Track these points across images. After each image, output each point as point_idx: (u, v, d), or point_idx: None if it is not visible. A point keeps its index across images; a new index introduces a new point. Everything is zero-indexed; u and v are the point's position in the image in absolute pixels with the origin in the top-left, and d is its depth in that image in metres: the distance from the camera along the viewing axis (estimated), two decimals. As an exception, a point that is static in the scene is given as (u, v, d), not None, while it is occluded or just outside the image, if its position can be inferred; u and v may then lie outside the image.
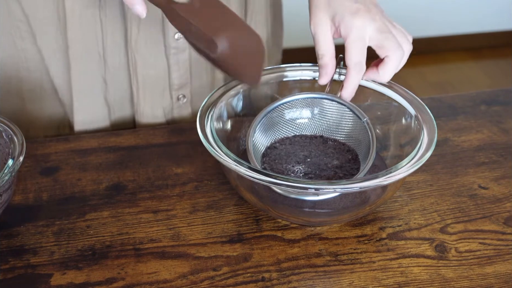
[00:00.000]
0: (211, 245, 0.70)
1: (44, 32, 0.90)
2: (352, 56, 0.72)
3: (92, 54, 0.91)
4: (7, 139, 0.71)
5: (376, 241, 0.71)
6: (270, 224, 0.73)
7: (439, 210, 0.76)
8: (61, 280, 0.66)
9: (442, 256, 0.70)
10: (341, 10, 0.72)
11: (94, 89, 0.94)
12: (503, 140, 0.88)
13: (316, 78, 0.81)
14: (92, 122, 0.96)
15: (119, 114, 0.98)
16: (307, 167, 0.75)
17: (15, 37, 0.91)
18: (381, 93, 0.79)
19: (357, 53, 0.72)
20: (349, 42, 0.72)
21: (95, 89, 0.94)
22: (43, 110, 0.97)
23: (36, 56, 0.93)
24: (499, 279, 0.67)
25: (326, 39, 0.73)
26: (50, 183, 0.79)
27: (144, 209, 0.75)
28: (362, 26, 0.72)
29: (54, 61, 0.93)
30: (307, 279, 0.67)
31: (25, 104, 0.97)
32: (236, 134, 0.80)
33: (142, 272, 0.67)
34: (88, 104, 0.95)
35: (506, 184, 0.80)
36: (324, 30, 0.73)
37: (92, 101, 0.95)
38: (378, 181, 0.65)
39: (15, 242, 0.70)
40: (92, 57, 0.91)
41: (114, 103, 0.96)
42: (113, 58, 0.92)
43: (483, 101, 0.97)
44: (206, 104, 0.75)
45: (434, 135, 0.71)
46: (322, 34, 0.73)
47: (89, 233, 0.72)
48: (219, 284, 0.66)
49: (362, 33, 0.72)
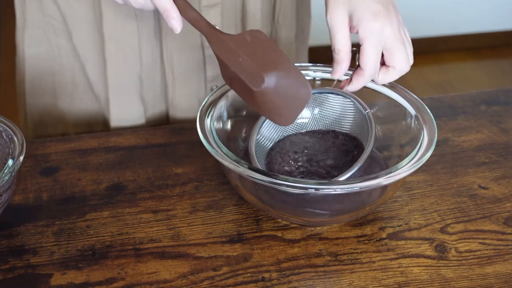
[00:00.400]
0: (211, 245, 0.70)
1: (80, 29, 0.92)
2: (369, 59, 0.71)
3: (127, 51, 0.92)
4: (7, 139, 0.71)
5: (376, 241, 0.71)
6: (270, 224, 0.73)
7: (439, 210, 0.76)
8: (61, 280, 0.66)
9: (442, 256, 0.70)
10: (361, 9, 0.71)
11: (129, 87, 0.95)
12: (503, 140, 0.88)
13: (316, 78, 0.81)
14: (128, 120, 0.97)
15: (153, 110, 0.98)
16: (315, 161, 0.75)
17: (49, 33, 0.93)
18: (381, 93, 0.79)
19: (374, 57, 0.71)
20: (367, 45, 0.71)
21: (130, 87, 0.95)
22: (74, 106, 0.98)
23: (70, 52, 0.94)
24: (499, 279, 0.67)
25: (344, 34, 0.72)
26: (50, 183, 0.79)
27: (144, 209, 0.75)
28: (381, 30, 0.70)
29: (90, 57, 0.94)
30: (307, 279, 0.67)
31: (56, 99, 0.98)
32: (236, 134, 0.80)
33: (142, 272, 0.67)
34: (123, 101, 0.96)
35: (506, 184, 0.80)
36: (342, 25, 0.72)
37: (128, 98, 0.96)
38: (378, 181, 0.65)
39: (15, 242, 0.70)
40: (128, 54, 0.92)
41: (149, 100, 0.97)
42: (148, 54, 0.93)
43: (483, 101, 0.97)
44: (206, 104, 0.75)
45: (434, 135, 0.71)
46: (340, 29, 0.72)
47: (89, 233, 0.72)
48: (219, 284, 0.66)
49: (380, 37, 0.71)
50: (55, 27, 0.92)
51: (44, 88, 0.97)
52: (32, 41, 0.95)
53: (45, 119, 1.00)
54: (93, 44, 0.92)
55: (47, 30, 0.93)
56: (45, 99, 0.98)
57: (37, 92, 0.98)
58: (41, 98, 0.99)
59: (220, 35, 0.69)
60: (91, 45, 0.93)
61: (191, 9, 0.70)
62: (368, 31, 0.70)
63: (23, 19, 0.94)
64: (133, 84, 0.95)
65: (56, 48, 0.94)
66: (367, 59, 0.71)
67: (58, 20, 0.92)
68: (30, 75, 0.98)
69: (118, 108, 0.96)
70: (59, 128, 0.99)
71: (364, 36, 0.71)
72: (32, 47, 0.95)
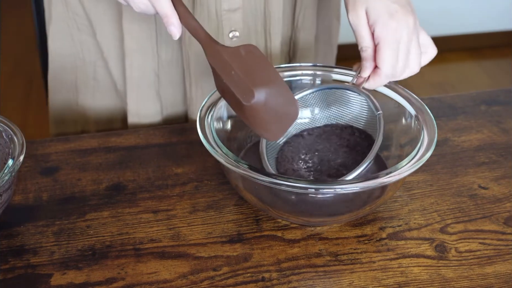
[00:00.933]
0: (211, 245, 0.70)
1: (103, 25, 0.93)
2: (385, 58, 0.72)
3: (145, 48, 0.93)
4: (7, 139, 0.71)
5: (376, 241, 0.71)
6: (270, 224, 0.73)
7: (439, 210, 0.76)
8: (61, 280, 0.66)
9: (442, 256, 0.70)
10: (379, 7, 0.71)
11: (146, 82, 0.96)
12: (503, 140, 0.88)
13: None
14: (145, 115, 0.98)
15: (172, 110, 0.99)
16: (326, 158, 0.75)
17: (72, 29, 0.94)
18: (381, 93, 0.79)
19: (391, 57, 0.71)
20: (384, 44, 0.71)
21: (146, 82, 0.96)
22: (95, 102, 1.00)
23: (92, 48, 0.96)
24: (499, 279, 0.67)
25: (368, 32, 0.72)
26: (50, 183, 0.79)
27: (144, 209, 0.75)
28: (398, 29, 0.71)
29: (112, 54, 0.95)
30: (307, 279, 0.67)
31: (77, 95, 0.99)
32: (236, 134, 0.80)
33: (142, 272, 0.67)
34: (140, 96, 0.97)
35: (506, 184, 0.80)
36: (364, 24, 0.72)
37: (144, 93, 0.96)
38: (378, 181, 0.65)
39: (15, 242, 0.70)
40: (146, 51, 0.93)
41: (167, 98, 0.98)
42: (167, 53, 0.94)
43: (483, 101, 0.97)
44: (206, 104, 0.75)
45: (434, 135, 0.71)
46: (364, 27, 0.72)
47: (89, 233, 0.72)
48: (219, 284, 0.66)
49: (397, 37, 0.71)
50: (78, 22, 0.94)
51: (66, 83, 0.99)
52: (56, 35, 0.96)
53: (66, 116, 1.02)
54: (114, 41, 0.94)
55: (70, 25, 0.94)
56: (67, 95, 1.00)
57: (59, 88, 1.00)
58: (63, 94, 1.00)
59: (216, 46, 0.70)
60: (113, 42, 0.94)
61: (191, 18, 0.71)
62: (385, 30, 0.71)
63: (49, 13, 0.96)
64: (149, 80, 0.96)
65: (78, 44, 0.96)
66: (383, 57, 0.72)
67: (81, 16, 0.94)
68: (53, 70, 0.99)
69: (135, 102, 0.97)
70: (79, 125, 1.01)
71: (381, 34, 0.71)
72: (56, 41, 0.97)
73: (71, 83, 0.99)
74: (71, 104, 1.00)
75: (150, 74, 0.95)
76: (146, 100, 0.97)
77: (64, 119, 1.03)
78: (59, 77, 0.99)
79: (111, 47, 0.95)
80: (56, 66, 0.98)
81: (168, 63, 0.94)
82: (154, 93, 0.97)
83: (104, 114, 1.01)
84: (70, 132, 1.02)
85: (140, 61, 0.93)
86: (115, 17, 0.92)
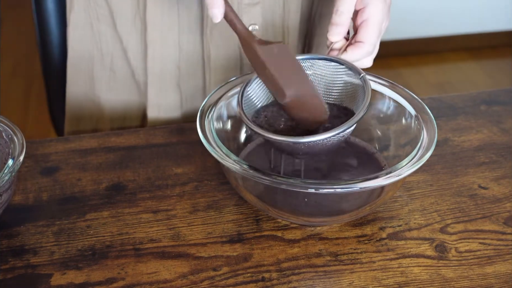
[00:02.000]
0: (211, 245, 0.70)
1: (123, 16, 0.93)
2: (373, 36, 0.74)
3: (168, 39, 0.93)
4: (7, 139, 0.71)
5: (376, 241, 0.71)
6: (270, 224, 0.73)
7: (439, 210, 0.76)
8: (61, 280, 0.66)
9: (442, 256, 0.70)
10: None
11: (167, 73, 0.96)
12: (503, 140, 0.88)
13: None
14: (165, 107, 0.98)
15: (191, 104, 1.00)
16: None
17: (92, 18, 0.95)
18: (381, 93, 0.79)
19: (377, 36, 0.74)
20: (374, 22, 0.74)
21: (168, 73, 0.96)
22: (111, 95, 1.00)
23: (111, 39, 0.96)
24: (499, 279, 0.67)
25: (353, 1, 0.74)
26: (50, 183, 0.79)
27: (144, 209, 0.75)
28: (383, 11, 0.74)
29: (132, 44, 0.96)
30: (307, 279, 0.67)
31: (94, 86, 1.00)
32: (236, 134, 0.80)
33: (142, 272, 0.67)
34: (160, 85, 0.97)
35: (506, 184, 0.80)
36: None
37: (165, 83, 0.97)
38: (378, 181, 0.65)
39: (15, 242, 0.70)
40: (168, 43, 0.94)
41: (187, 91, 0.98)
42: (188, 45, 0.94)
43: (483, 101, 0.97)
44: (206, 104, 0.75)
45: (434, 135, 0.71)
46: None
47: (89, 233, 0.72)
48: (219, 284, 0.66)
49: (380, 18, 0.74)
50: (98, 12, 0.95)
51: (83, 73, 0.99)
52: (75, 24, 0.97)
53: (83, 110, 1.02)
54: (135, 31, 0.95)
55: (91, 14, 0.95)
56: (84, 88, 1.01)
57: (76, 79, 1.00)
58: (80, 87, 1.01)
59: (251, 42, 0.71)
60: (134, 32, 0.95)
61: (230, 9, 0.72)
62: (375, 10, 0.73)
63: (70, 1, 0.97)
64: (170, 71, 0.96)
65: (97, 34, 0.96)
66: (371, 34, 0.74)
67: (102, 6, 0.94)
68: (72, 58, 1.00)
69: (156, 93, 0.98)
70: (94, 121, 1.01)
71: (373, 12, 0.73)
72: (75, 30, 0.97)
73: (88, 73, 0.99)
74: (88, 97, 1.01)
75: (171, 66, 0.96)
76: (167, 91, 0.98)
77: (80, 115, 1.03)
78: (76, 66, 0.99)
79: (131, 37, 0.96)
80: (75, 55, 0.99)
81: (189, 55, 0.95)
82: (175, 84, 0.97)
83: (119, 109, 1.01)
84: (85, 130, 1.03)
85: (162, 52, 0.94)
86: (137, 9, 0.92)
